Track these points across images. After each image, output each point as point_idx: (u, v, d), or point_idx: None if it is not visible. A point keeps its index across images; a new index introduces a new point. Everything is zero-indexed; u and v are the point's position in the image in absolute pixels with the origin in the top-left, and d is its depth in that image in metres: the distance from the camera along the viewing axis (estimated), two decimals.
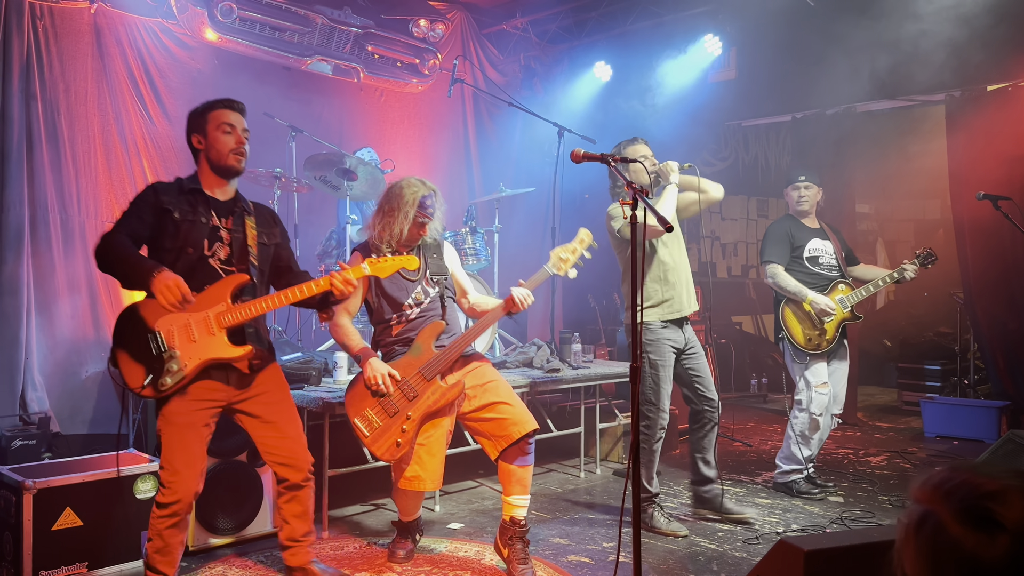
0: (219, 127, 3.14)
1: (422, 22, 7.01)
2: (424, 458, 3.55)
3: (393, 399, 3.53)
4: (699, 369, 4.42)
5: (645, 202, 2.60)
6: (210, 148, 3.15)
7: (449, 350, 3.63)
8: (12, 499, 3.41)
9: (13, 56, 5.04)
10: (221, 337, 3.02)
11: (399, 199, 3.67)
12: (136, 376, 2.95)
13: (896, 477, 5.48)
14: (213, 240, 3.12)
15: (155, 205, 3.05)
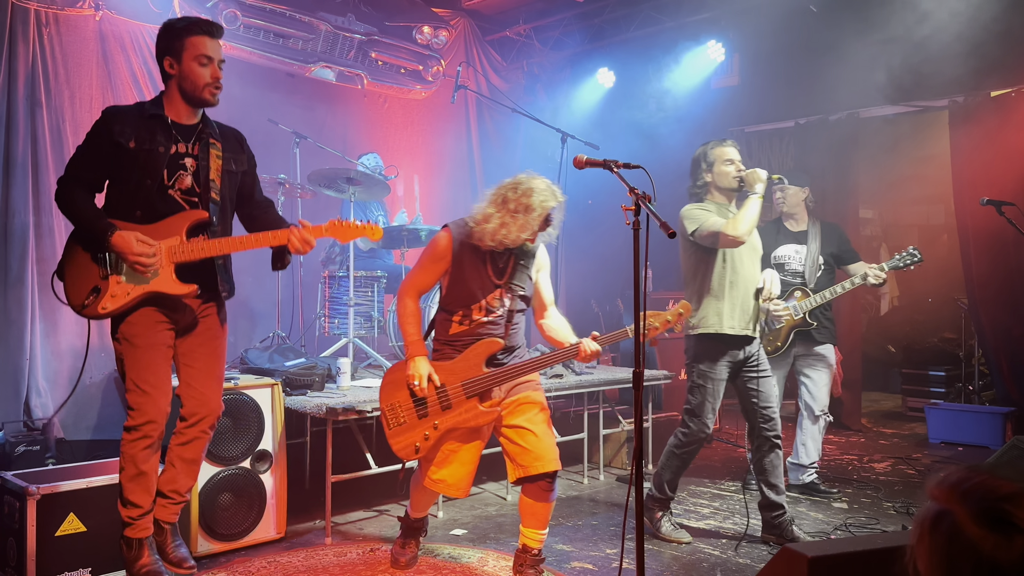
0: (196, 58, 2.99)
1: (426, 29, 7.03)
2: (455, 465, 3.46)
3: (428, 402, 3.42)
4: (760, 386, 4.14)
5: (648, 208, 2.60)
6: (184, 78, 3.02)
7: (499, 373, 3.42)
8: (16, 505, 3.41)
9: (19, 63, 5.07)
10: (168, 271, 2.97)
11: (527, 206, 3.35)
12: (78, 293, 2.94)
13: (900, 483, 5.47)
14: (174, 169, 3.01)
15: (108, 137, 2.95)
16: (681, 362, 6.68)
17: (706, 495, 5.17)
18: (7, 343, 4.96)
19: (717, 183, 4.19)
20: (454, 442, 3.46)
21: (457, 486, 3.48)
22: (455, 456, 3.46)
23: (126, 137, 2.93)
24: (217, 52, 3.05)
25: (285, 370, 4.60)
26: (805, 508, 4.83)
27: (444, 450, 3.46)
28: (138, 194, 2.96)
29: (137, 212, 2.96)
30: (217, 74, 3.04)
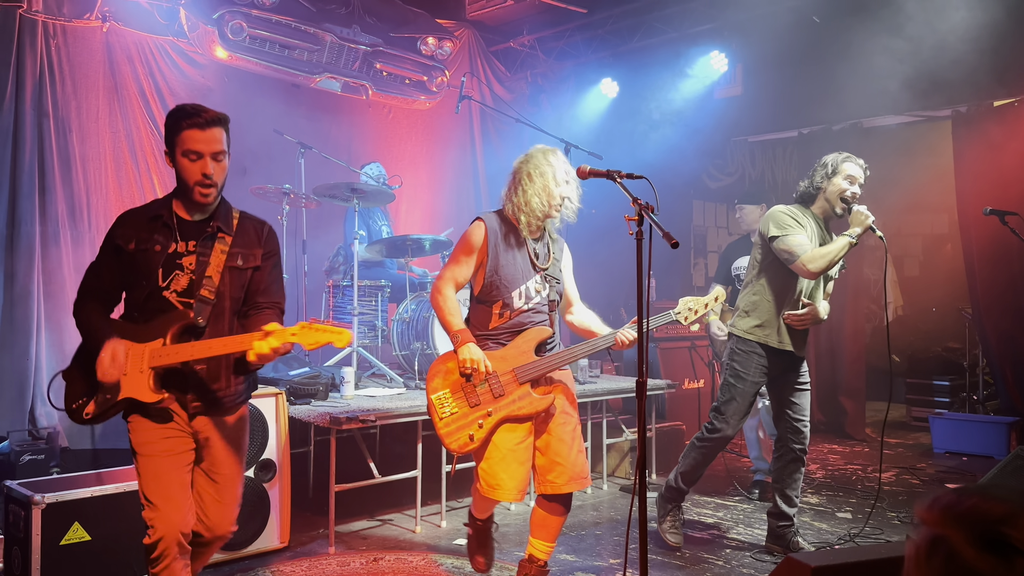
0: (184, 153, 2.72)
1: (430, 40, 7.06)
2: (513, 466, 3.30)
3: (479, 390, 3.31)
4: (796, 398, 4.15)
5: (651, 218, 2.61)
6: (178, 175, 2.78)
7: (551, 360, 3.38)
8: (21, 513, 3.42)
9: (26, 74, 5.11)
10: (145, 377, 2.70)
11: (539, 168, 3.41)
12: (71, 395, 2.80)
13: (905, 493, 5.45)
14: (170, 269, 2.76)
15: (112, 242, 2.81)
16: (684, 372, 6.69)
17: (710, 505, 5.17)
18: (13, 352, 4.98)
19: (827, 194, 4.10)
20: (507, 439, 3.31)
21: (518, 488, 3.32)
22: (513, 456, 3.31)
23: (126, 240, 2.78)
24: (210, 143, 2.71)
25: (289, 379, 4.61)
26: (809, 519, 4.82)
27: (498, 447, 3.31)
28: (136, 296, 2.79)
29: (135, 314, 2.80)
30: (207, 169, 2.70)
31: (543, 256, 3.48)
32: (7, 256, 5.03)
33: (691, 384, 6.77)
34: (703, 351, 6.94)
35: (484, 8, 7.75)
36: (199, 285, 2.76)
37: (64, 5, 5.36)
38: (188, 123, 2.71)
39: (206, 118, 2.73)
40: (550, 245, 3.54)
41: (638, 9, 7.24)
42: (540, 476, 3.40)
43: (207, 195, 2.75)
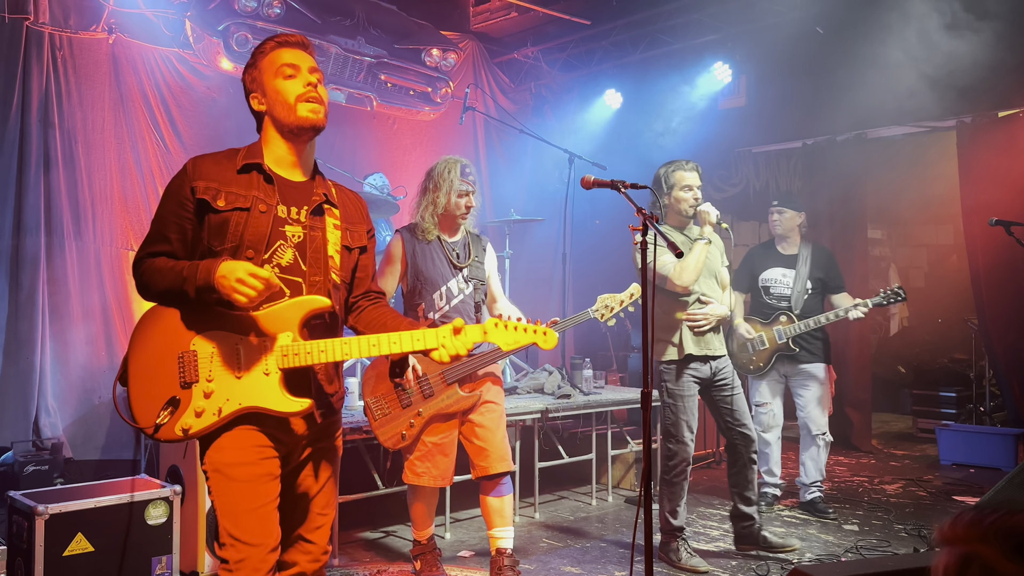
0: (277, 72, 2.28)
1: (434, 51, 7.08)
2: (437, 457, 3.69)
3: (410, 392, 3.63)
4: (734, 404, 4.26)
5: (656, 229, 2.61)
6: (273, 104, 2.29)
7: (476, 360, 3.68)
8: (24, 524, 3.41)
9: (32, 85, 5.13)
10: (275, 380, 2.19)
11: (441, 173, 3.75)
12: (148, 409, 2.15)
13: (912, 505, 5.42)
14: (274, 239, 2.24)
15: (184, 196, 2.23)
16: None
17: (715, 517, 5.14)
18: (17, 363, 4.98)
19: (674, 207, 4.29)
20: (433, 434, 3.67)
21: (442, 475, 3.69)
22: (438, 449, 3.68)
23: (212, 193, 2.22)
24: (305, 60, 2.31)
25: None
26: (815, 531, 4.79)
27: (424, 443, 3.68)
28: None
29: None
30: (311, 81, 2.28)
31: (463, 256, 3.81)
32: (12, 266, 5.04)
33: None
34: None
35: (488, 20, 7.77)
36: (318, 265, 2.29)
37: (71, 17, 5.39)
38: (277, 43, 2.33)
39: (298, 39, 2.36)
40: (470, 245, 3.86)
41: (642, 21, 7.26)
42: (473, 463, 3.76)
43: (317, 111, 2.28)
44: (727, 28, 6.87)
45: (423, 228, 3.76)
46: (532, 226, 7.14)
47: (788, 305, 5.18)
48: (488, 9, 7.71)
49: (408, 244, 3.77)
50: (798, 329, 5.07)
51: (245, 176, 2.26)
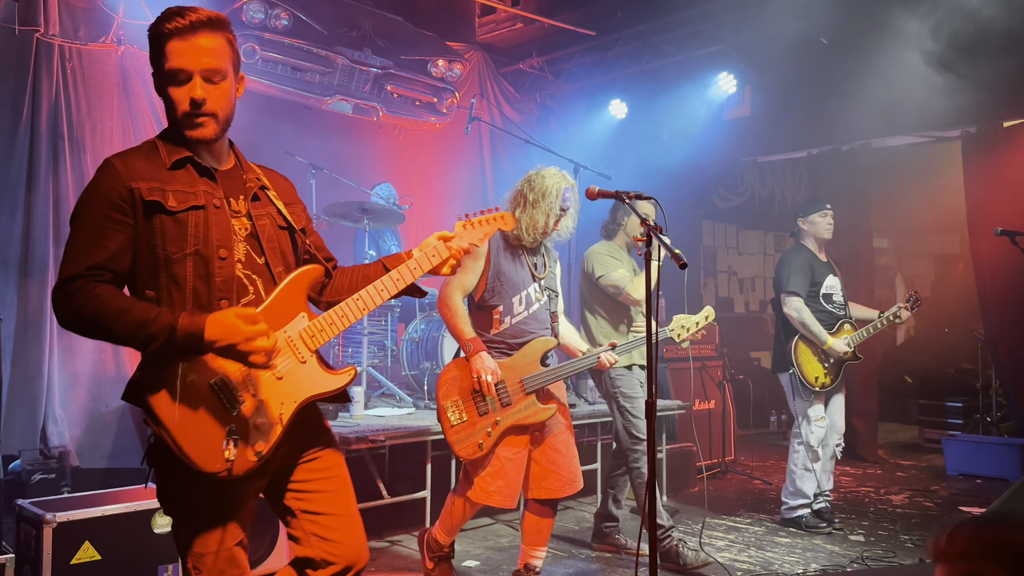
0: (166, 76, 2.02)
1: (440, 62, 7.12)
2: (511, 475, 3.44)
3: (487, 399, 3.40)
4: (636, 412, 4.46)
5: (660, 239, 2.62)
6: (167, 109, 2.07)
7: (555, 371, 3.53)
8: (32, 532, 3.43)
9: (42, 96, 5.17)
10: (314, 363, 2.12)
11: (543, 189, 3.54)
12: (211, 454, 1.93)
13: (918, 516, 5.40)
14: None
15: (126, 197, 1.97)
16: (695, 391, 6.66)
17: (721, 527, 5.13)
18: (25, 371, 5.01)
19: (628, 230, 4.56)
20: (507, 448, 3.43)
21: (513, 495, 3.46)
22: (511, 465, 3.43)
23: (159, 194, 2.00)
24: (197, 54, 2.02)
25: None
26: (821, 541, 4.78)
27: (499, 458, 3.42)
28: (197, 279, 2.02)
29: (223, 302, 2.03)
30: (196, 94, 2.01)
31: (540, 267, 3.67)
32: (21, 276, 5.07)
33: (702, 405, 6.74)
34: (713, 371, 6.92)
35: (494, 31, 7.82)
36: (272, 252, 2.15)
37: (80, 29, 5.44)
38: (171, 32, 2.01)
39: (191, 19, 2.01)
40: (546, 257, 3.73)
41: (647, 31, 7.30)
42: (535, 482, 3.58)
43: (205, 132, 2.05)
44: (732, 39, 6.90)
45: (515, 234, 3.56)
46: None
47: (846, 313, 5.09)
48: (494, 20, 7.76)
49: (494, 242, 3.55)
50: (861, 337, 4.97)
51: (181, 172, 2.05)
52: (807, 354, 4.93)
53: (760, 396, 8.90)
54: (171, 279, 2.00)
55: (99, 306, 1.89)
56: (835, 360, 4.94)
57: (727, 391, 6.95)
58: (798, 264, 5.01)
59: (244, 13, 5.83)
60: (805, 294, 4.95)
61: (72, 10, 5.39)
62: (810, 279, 4.99)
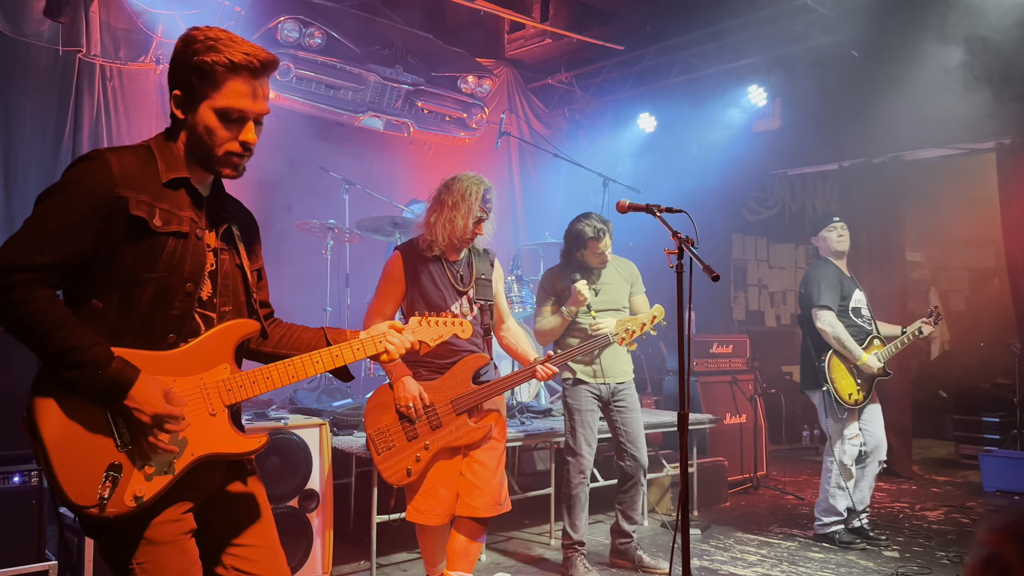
0: (222, 110, 1.92)
1: (470, 78, 7.20)
2: (441, 493, 3.37)
3: (416, 424, 3.33)
4: (626, 424, 4.43)
5: (691, 252, 2.64)
6: (195, 134, 1.94)
7: (487, 389, 3.41)
8: (75, 540, 3.51)
9: (84, 114, 5.33)
10: (224, 419, 1.96)
11: (462, 192, 3.45)
12: (85, 483, 1.77)
13: (954, 532, 5.32)
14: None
15: (111, 203, 1.83)
16: (725, 406, 6.64)
17: (753, 543, 5.09)
18: None
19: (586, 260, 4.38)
20: (437, 469, 3.37)
21: (446, 512, 3.38)
22: (441, 484, 3.36)
23: (147, 209, 1.86)
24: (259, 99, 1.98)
25: (333, 410, 4.67)
26: (855, 556, 4.73)
27: (428, 479, 3.36)
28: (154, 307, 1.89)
29: (171, 336, 1.92)
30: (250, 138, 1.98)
31: (466, 278, 3.54)
32: None
33: (733, 419, 6.70)
34: (744, 385, 6.88)
35: (523, 47, 7.89)
36: (225, 291, 2.03)
37: (121, 48, 5.59)
38: (237, 63, 1.90)
39: (264, 59, 1.93)
40: (475, 266, 3.59)
41: (675, 46, 7.32)
42: (462, 498, 3.41)
43: (237, 173, 1.98)
44: (762, 52, 6.90)
45: (429, 244, 3.44)
46: None
47: (874, 328, 5.04)
48: (522, 36, 7.83)
49: (408, 264, 3.47)
50: (889, 353, 4.91)
51: (173, 192, 1.92)
52: (841, 370, 4.86)
53: (792, 411, 8.82)
54: (125, 298, 1.86)
55: (37, 310, 1.73)
56: (867, 376, 4.89)
57: (759, 405, 6.91)
58: (828, 278, 4.93)
59: (279, 32, 5.95)
60: (836, 308, 4.89)
61: (113, 31, 5.54)
62: (839, 293, 4.92)
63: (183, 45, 1.94)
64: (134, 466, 1.81)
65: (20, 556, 3.51)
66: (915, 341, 4.99)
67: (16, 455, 3.59)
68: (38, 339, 1.74)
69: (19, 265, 1.73)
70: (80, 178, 1.82)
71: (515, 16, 7.09)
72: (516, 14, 7.03)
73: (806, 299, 4.99)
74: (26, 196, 5.08)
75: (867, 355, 4.83)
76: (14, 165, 5.07)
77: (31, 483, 3.56)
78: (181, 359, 1.91)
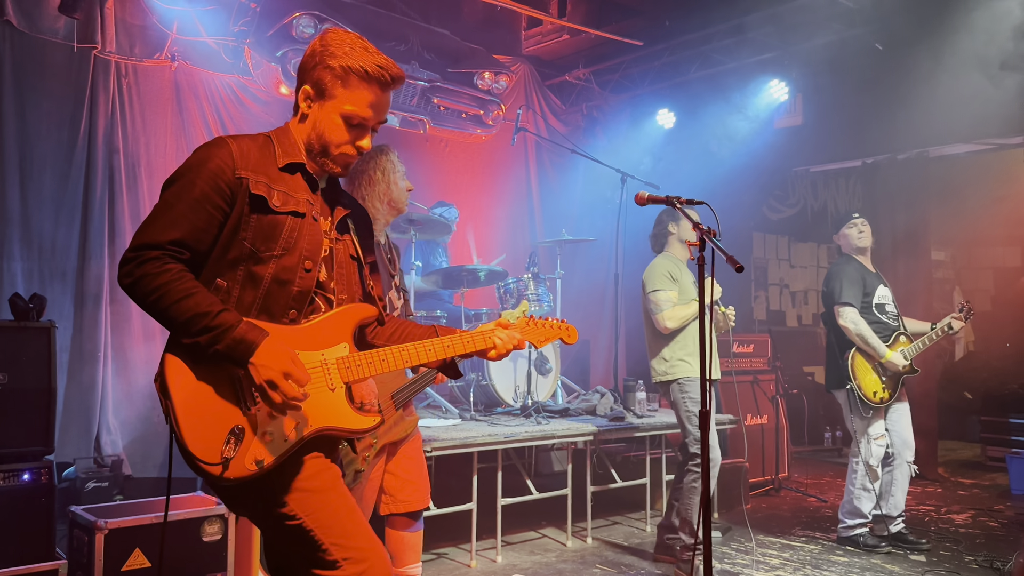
0: (350, 113, 2.02)
1: (486, 75, 7.13)
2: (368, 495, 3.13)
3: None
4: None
5: (714, 243, 2.56)
6: (318, 129, 2.05)
7: (421, 379, 3.15)
8: (85, 539, 3.47)
9: (99, 111, 5.30)
10: (341, 396, 2.01)
11: (385, 162, 3.30)
12: (210, 442, 1.84)
13: (982, 536, 5.18)
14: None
15: (233, 182, 1.94)
16: (746, 407, 6.52)
17: (775, 545, 4.98)
18: (80, 381, 5.10)
19: (681, 236, 4.53)
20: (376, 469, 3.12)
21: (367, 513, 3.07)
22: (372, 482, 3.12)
23: (266, 189, 1.98)
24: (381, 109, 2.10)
25: None
26: (880, 560, 4.61)
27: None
28: (277, 287, 1.98)
29: (292, 311, 2.01)
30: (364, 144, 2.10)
31: (394, 263, 3.36)
32: (77, 288, 5.18)
33: (754, 420, 6.58)
34: (766, 385, 6.76)
35: (540, 43, 7.82)
36: (341, 279, 2.12)
37: (136, 45, 5.57)
38: (373, 76, 2.01)
39: (392, 75, 2.04)
40: (396, 254, 3.40)
41: (695, 41, 7.21)
42: (393, 497, 3.17)
43: (346, 169, 2.11)
44: (782, 47, 6.78)
45: (376, 219, 3.18)
46: (584, 246, 7.11)
47: (900, 324, 4.94)
48: (540, 32, 7.75)
49: None
50: (917, 349, 4.81)
51: (289, 176, 2.03)
52: (864, 367, 4.76)
53: (814, 412, 8.67)
54: (249, 275, 1.95)
55: (167, 281, 1.83)
56: (893, 373, 4.77)
57: (780, 406, 6.79)
58: (849, 274, 4.86)
59: (294, 28, 5.90)
60: (859, 305, 4.80)
61: (128, 27, 5.52)
62: (862, 289, 4.84)
63: (321, 45, 2.04)
64: (256, 431, 1.88)
65: (30, 554, 3.49)
66: (941, 340, 4.86)
67: (26, 452, 3.57)
68: (167, 308, 1.83)
69: (149, 243, 1.86)
70: (202, 161, 1.94)
71: (532, 12, 7.01)
72: (533, 10, 6.95)
73: (828, 296, 4.91)
74: (41, 192, 5.07)
75: (891, 352, 4.72)
76: (29, 161, 5.05)
77: (41, 481, 3.54)
78: (303, 334, 1.98)
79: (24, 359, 3.61)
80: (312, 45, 2.06)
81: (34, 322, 3.70)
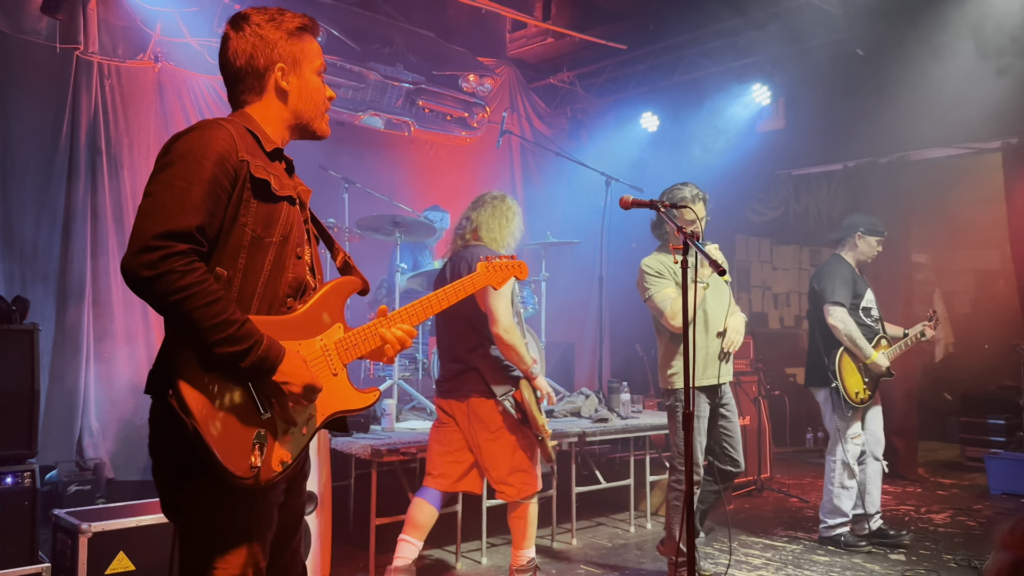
0: (317, 68, 2.06)
1: (471, 77, 7.15)
2: None
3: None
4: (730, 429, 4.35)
5: (697, 247, 2.58)
6: (300, 97, 2.04)
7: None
8: (68, 542, 3.45)
9: (81, 112, 5.27)
10: (344, 378, 2.03)
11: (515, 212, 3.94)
12: (243, 461, 1.78)
13: (961, 535, 5.25)
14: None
15: (238, 166, 1.86)
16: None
17: (757, 546, 5.03)
18: (62, 384, 5.07)
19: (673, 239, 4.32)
20: None
21: None
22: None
23: (263, 174, 1.93)
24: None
25: None
26: (861, 559, 4.66)
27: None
28: (276, 272, 1.93)
29: (289, 299, 1.97)
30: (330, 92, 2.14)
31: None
32: (59, 290, 5.15)
33: None
34: (748, 387, 6.81)
35: (524, 46, 7.83)
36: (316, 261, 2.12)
37: (119, 46, 5.54)
38: (313, 33, 2.08)
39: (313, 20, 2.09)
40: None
41: (679, 45, 7.26)
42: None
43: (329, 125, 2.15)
44: (765, 51, 6.84)
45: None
46: (569, 248, 7.14)
47: (882, 328, 5.01)
48: (524, 35, 7.77)
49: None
50: (894, 353, 4.93)
51: (275, 162, 1.99)
52: (850, 367, 4.83)
53: (796, 413, 8.74)
54: (249, 264, 1.88)
55: (195, 282, 1.71)
56: (874, 375, 4.84)
57: (762, 407, 6.84)
58: (843, 275, 4.92)
59: None
60: (848, 306, 4.86)
61: (111, 28, 5.49)
62: (853, 291, 4.91)
63: (268, 21, 2.01)
64: (276, 434, 1.87)
65: (13, 558, 3.46)
66: (918, 343, 5.00)
67: (9, 456, 3.54)
68: (192, 311, 1.71)
69: (175, 231, 1.72)
70: (208, 143, 1.83)
71: (517, 15, 7.03)
72: (518, 13, 6.97)
73: (819, 295, 4.94)
74: (23, 194, 5.03)
75: (876, 354, 4.79)
76: (11, 163, 5.01)
77: (24, 484, 3.51)
78: (300, 323, 1.95)
79: (7, 362, 3.58)
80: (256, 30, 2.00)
81: (17, 324, 3.67)
